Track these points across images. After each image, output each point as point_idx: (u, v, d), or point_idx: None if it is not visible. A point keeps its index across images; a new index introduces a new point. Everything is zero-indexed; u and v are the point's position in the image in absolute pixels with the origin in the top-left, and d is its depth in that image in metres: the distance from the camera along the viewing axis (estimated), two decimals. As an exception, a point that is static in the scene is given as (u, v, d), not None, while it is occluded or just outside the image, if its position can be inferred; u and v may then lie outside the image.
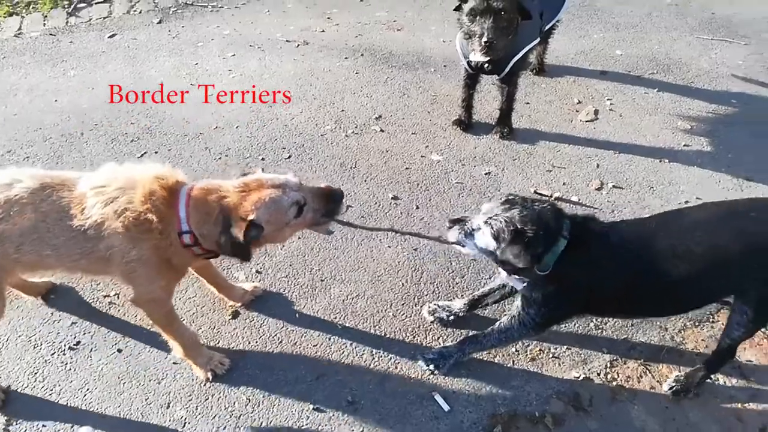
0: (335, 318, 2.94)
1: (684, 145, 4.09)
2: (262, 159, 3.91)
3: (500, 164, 3.93)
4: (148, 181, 2.13)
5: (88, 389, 2.62)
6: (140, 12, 5.69)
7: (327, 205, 2.26)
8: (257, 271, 3.13)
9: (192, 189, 2.17)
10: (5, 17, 5.57)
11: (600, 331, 2.89)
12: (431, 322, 2.92)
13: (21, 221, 2.14)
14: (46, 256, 2.21)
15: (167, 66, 4.86)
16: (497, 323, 2.59)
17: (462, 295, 3.01)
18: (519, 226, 2.21)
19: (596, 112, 4.40)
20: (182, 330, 2.60)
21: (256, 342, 2.82)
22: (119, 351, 2.77)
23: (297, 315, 2.94)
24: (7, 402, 2.56)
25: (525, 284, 2.39)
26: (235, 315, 2.93)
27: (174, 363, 2.70)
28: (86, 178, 2.23)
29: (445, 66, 4.88)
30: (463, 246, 2.42)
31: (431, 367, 2.69)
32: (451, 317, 2.91)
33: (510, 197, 2.37)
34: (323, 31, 5.37)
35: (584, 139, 4.16)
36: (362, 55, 5.03)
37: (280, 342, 2.82)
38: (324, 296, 3.04)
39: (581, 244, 2.24)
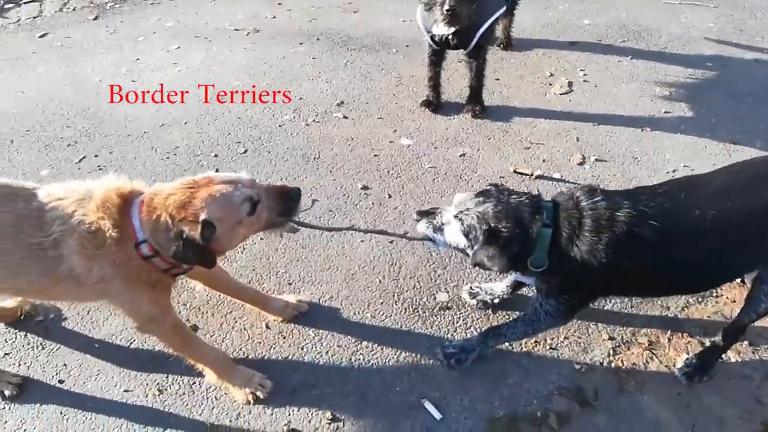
0: (306, 323, 2.62)
1: (665, 112, 3.89)
2: (215, 156, 3.55)
3: (475, 144, 3.65)
4: (103, 190, 1.92)
5: (25, 430, 2.25)
6: (74, 9, 5.24)
7: (282, 203, 2.04)
8: (215, 280, 2.78)
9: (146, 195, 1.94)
10: None
11: (598, 315, 2.64)
12: (474, 305, 2.66)
13: None
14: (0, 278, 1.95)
15: (105, 63, 4.44)
16: (523, 314, 2.32)
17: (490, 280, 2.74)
18: (493, 224, 1.96)
19: (570, 84, 4.17)
20: (205, 349, 2.34)
21: (219, 359, 2.48)
22: (60, 382, 2.41)
23: (264, 324, 2.61)
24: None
25: (532, 280, 2.13)
26: (195, 330, 2.58)
27: (159, 390, 2.36)
28: (44, 190, 1.98)
29: (407, 46, 4.58)
30: (433, 241, 2.17)
31: (452, 362, 2.40)
32: (495, 300, 2.64)
33: (487, 188, 2.10)
34: (274, 17, 5.01)
35: (560, 112, 3.91)
36: (318, 39, 4.69)
37: (246, 356, 2.49)
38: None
39: (573, 228, 1.95)
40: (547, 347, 2.51)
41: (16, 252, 1.88)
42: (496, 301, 2.65)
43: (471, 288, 2.70)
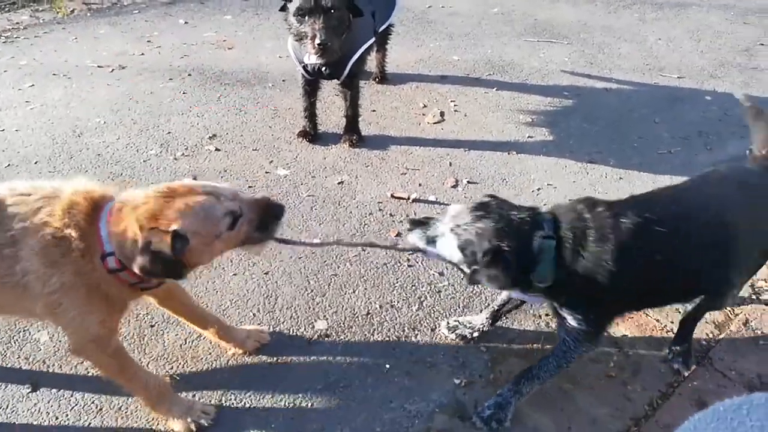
0: (172, 368, 2.39)
1: (528, 137, 4.13)
2: (70, 194, 3.25)
3: (353, 172, 3.65)
4: (71, 192, 1.77)
5: None
6: None
7: (264, 219, 1.95)
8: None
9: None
10: None
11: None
12: (453, 339, 2.56)
13: None
14: None
15: (-57, 103, 4.01)
16: (553, 348, 2.22)
17: (473, 310, 2.69)
18: (495, 243, 1.86)
19: (442, 113, 4.33)
20: (141, 375, 2.10)
21: (67, 417, 2.19)
22: None
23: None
24: None
25: (538, 299, 2.08)
26: (35, 387, 2.27)
27: None
28: (5, 184, 1.81)
29: (284, 80, 4.57)
30: (424, 252, 2.11)
31: (494, 425, 2.20)
32: (475, 333, 2.55)
33: (484, 201, 2.02)
34: (143, 54, 4.82)
35: (434, 140, 4.03)
36: (189, 75, 4.55)
37: (99, 410, 2.22)
38: (156, 344, 2.48)
39: (577, 238, 1.91)
40: (427, 365, 2.47)
41: None
42: (476, 334, 2.56)
43: (449, 323, 2.60)
